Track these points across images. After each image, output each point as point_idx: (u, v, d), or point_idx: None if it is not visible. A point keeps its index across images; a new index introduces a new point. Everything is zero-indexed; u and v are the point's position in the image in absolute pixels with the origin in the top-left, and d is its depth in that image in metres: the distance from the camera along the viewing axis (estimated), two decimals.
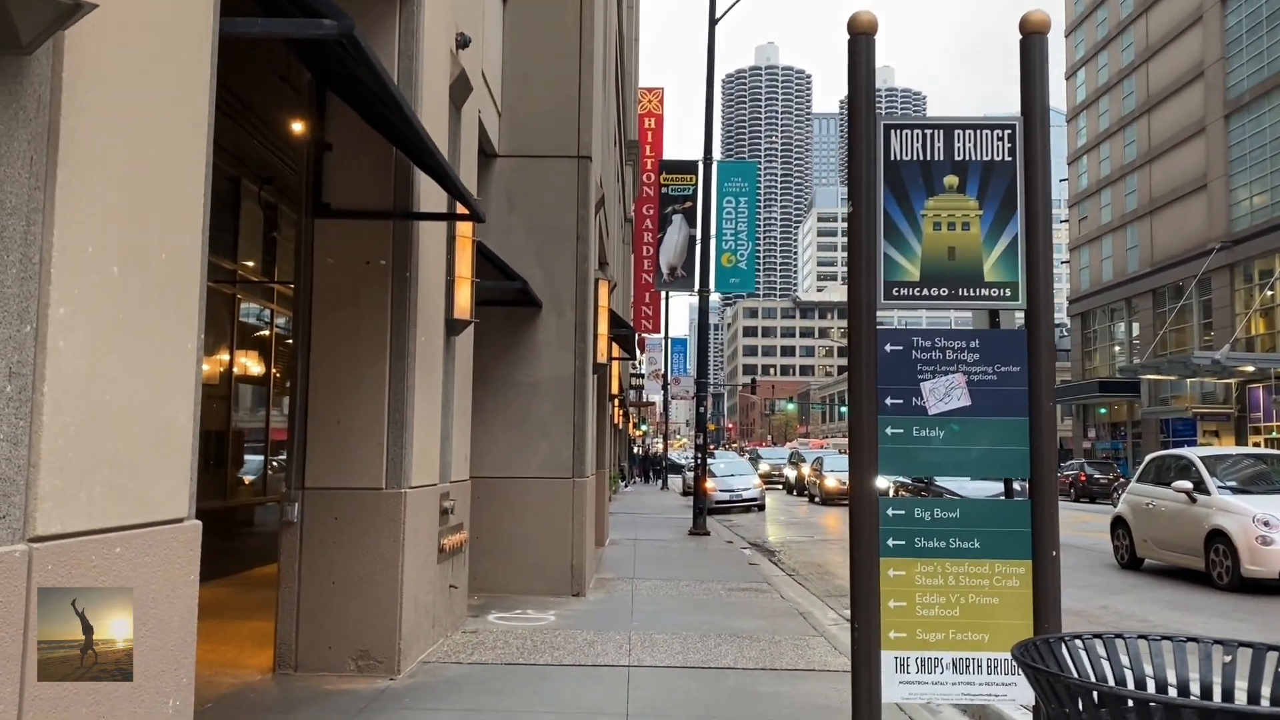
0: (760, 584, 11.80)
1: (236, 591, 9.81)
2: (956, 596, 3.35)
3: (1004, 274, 3.43)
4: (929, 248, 3.41)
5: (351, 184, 6.80)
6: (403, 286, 6.75)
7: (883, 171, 3.41)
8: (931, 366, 3.39)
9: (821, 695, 6.28)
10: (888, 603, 3.36)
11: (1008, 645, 3.33)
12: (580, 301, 10.61)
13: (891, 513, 3.40)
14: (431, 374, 7.39)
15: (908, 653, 3.34)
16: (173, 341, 3.32)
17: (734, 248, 21.08)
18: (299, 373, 6.70)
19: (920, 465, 3.40)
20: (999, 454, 3.38)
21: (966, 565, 3.37)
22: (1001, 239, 3.43)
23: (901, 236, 3.40)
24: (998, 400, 3.39)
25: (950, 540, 3.37)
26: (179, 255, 3.36)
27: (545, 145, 10.65)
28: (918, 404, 3.38)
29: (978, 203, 3.44)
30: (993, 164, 3.44)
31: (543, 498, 10.36)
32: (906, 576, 3.38)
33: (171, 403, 3.31)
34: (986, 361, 3.41)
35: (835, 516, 25.98)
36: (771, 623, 9.03)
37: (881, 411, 3.36)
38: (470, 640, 7.80)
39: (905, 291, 3.41)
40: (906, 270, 3.40)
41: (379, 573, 6.55)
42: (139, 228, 3.10)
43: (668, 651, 7.55)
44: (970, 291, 3.42)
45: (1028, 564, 3.36)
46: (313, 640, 6.53)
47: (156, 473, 3.22)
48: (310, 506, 6.61)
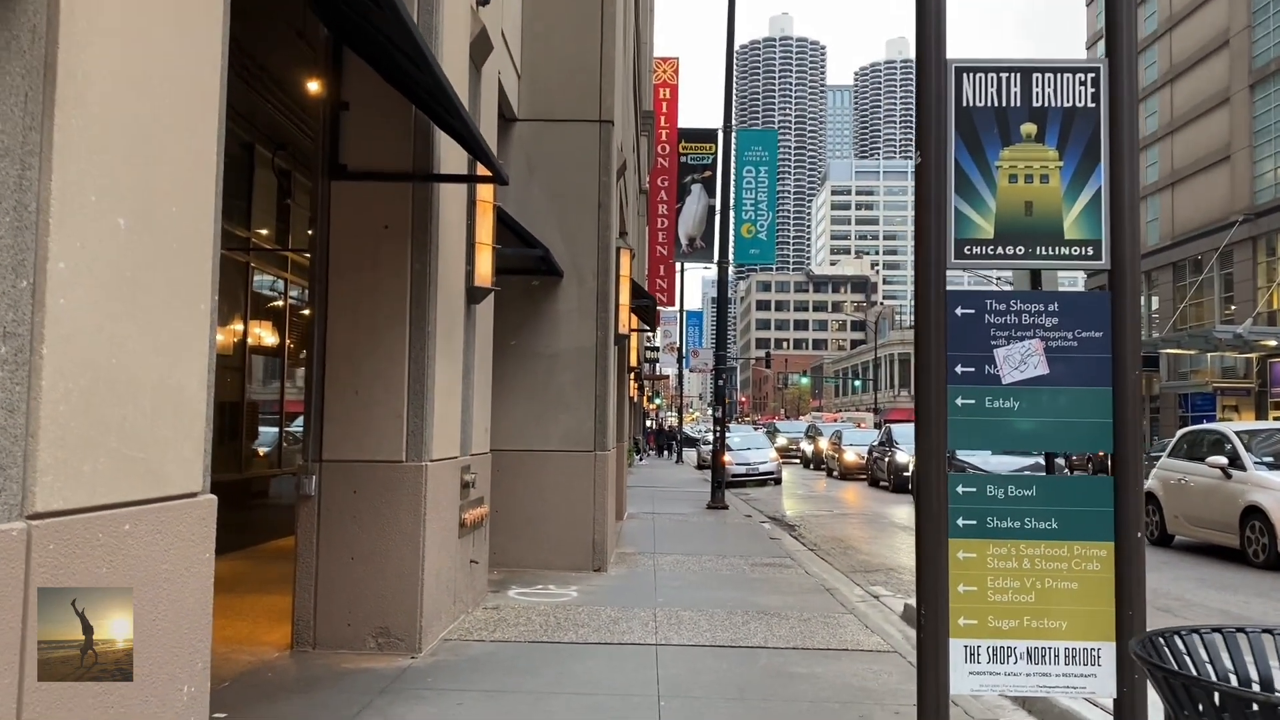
0: (783, 559, 11.59)
1: (253, 565, 9.65)
2: (1032, 581, 3.10)
3: (1086, 231, 3.15)
4: (1004, 202, 3.13)
5: (369, 145, 6.54)
6: (422, 252, 6.50)
7: (953, 118, 3.13)
8: (1006, 332, 3.12)
9: (858, 676, 6.06)
10: (957, 587, 3.11)
11: (1087, 633, 3.09)
12: (602, 270, 10.33)
13: (962, 490, 3.14)
14: (452, 343, 7.15)
15: (978, 641, 3.10)
16: (184, 302, 3.08)
17: (754, 218, 20.71)
18: (315, 341, 6.46)
19: (993, 439, 3.14)
20: (1079, 427, 3.12)
21: (1043, 547, 3.11)
22: (1083, 193, 3.15)
23: (974, 190, 3.12)
24: (1078, 369, 3.13)
25: (1026, 520, 3.11)
26: (191, 208, 3.10)
27: (566, 109, 10.35)
28: (990, 372, 3.11)
29: (1057, 153, 3.16)
30: (1074, 110, 3.15)
31: (563, 471, 10.14)
32: (978, 559, 3.13)
33: (183, 369, 3.07)
34: (1066, 326, 3.13)
35: (854, 491, 25.76)
36: (799, 599, 8.81)
37: (951, 380, 3.09)
38: (492, 617, 7.60)
39: (978, 250, 3.13)
40: (979, 227, 3.12)
41: (399, 548, 6.34)
42: (147, 177, 2.85)
43: (695, 629, 7.34)
44: (1048, 250, 3.15)
45: (1109, 546, 3.11)
46: (331, 617, 6.34)
47: (168, 444, 2.98)
48: (328, 480, 6.39)
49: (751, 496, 23.30)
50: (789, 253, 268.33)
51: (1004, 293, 3.11)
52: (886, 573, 11.46)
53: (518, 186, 10.20)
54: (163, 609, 2.94)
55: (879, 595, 9.73)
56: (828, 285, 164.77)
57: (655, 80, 40.17)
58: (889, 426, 28.44)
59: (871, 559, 12.69)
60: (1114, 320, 3.09)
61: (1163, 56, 51.40)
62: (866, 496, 23.94)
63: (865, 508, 20.91)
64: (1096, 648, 3.09)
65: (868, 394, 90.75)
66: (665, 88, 42.74)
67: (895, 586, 10.41)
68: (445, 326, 6.88)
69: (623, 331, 11.34)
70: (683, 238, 21.65)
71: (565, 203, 10.34)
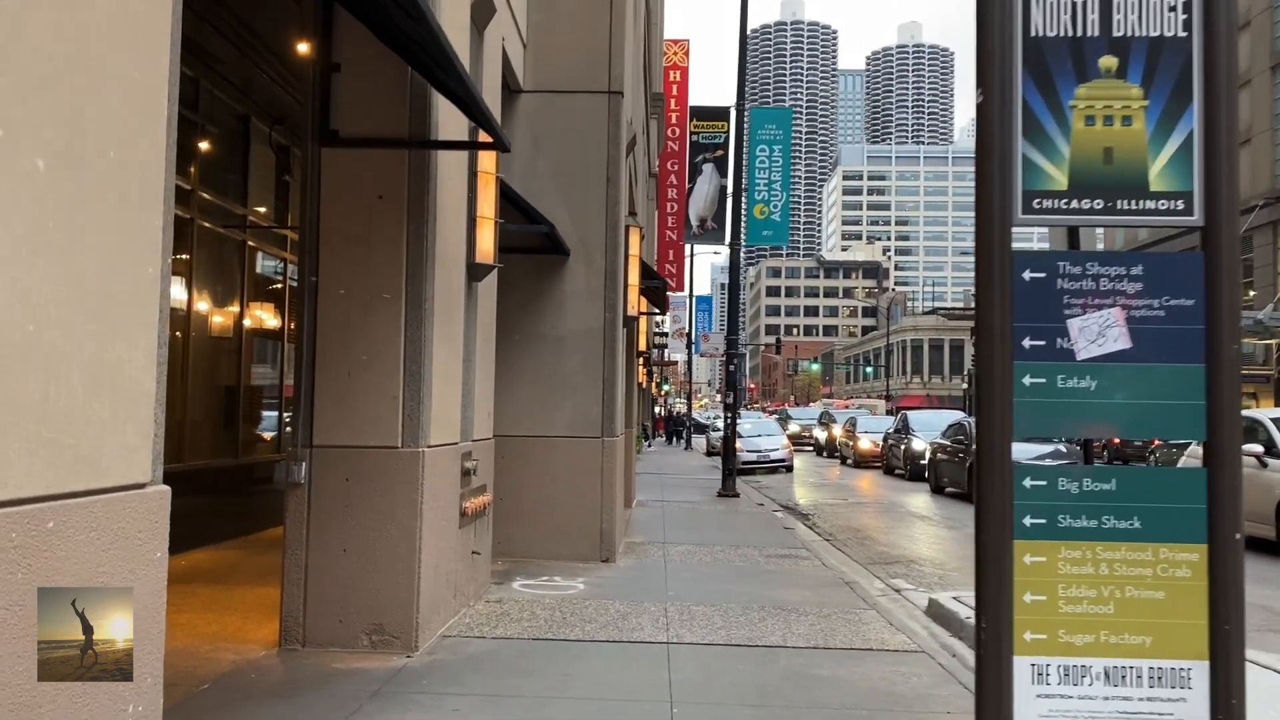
0: (799, 550, 11.17)
1: (246, 554, 9.28)
2: (1110, 589, 2.67)
3: (1175, 181, 2.70)
4: (1079, 148, 2.69)
5: (362, 109, 6.11)
6: (419, 224, 6.07)
7: (1021, 50, 2.69)
8: (1082, 299, 2.67)
9: (885, 680, 5.64)
10: (1023, 596, 2.68)
11: (1175, 650, 2.66)
12: (610, 248, 9.89)
13: (1030, 483, 2.70)
14: (451, 323, 6.73)
15: (1048, 659, 2.67)
16: (127, 264, 2.65)
17: (767, 198, 20.20)
18: (305, 319, 6.05)
19: (1065, 423, 2.72)
20: (1166, 410, 2.68)
21: (1124, 550, 2.68)
22: (1173, 137, 2.70)
23: (1044, 134, 2.67)
24: (1165, 342, 2.69)
25: (1103, 519, 2.68)
26: (135, 154, 2.67)
27: (573, 79, 9.89)
28: (1063, 346, 2.67)
29: (1142, 91, 2.71)
30: (1162, 41, 2.70)
31: (570, 458, 9.72)
32: (1047, 564, 2.70)
33: (125, 341, 2.65)
34: (1152, 293, 2.69)
35: (869, 479, 25.32)
36: (816, 593, 8.39)
37: (1018, 356, 2.65)
38: (494, 611, 7.21)
39: (1049, 204, 2.68)
40: (1051, 177, 2.68)
41: (394, 539, 5.94)
42: (75, 111, 2.42)
43: (708, 626, 6.92)
44: (1131, 203, 2.70)
45: (1202, 549, 2.68)
46: (322, 613, 5.94)
47: (105, 428, 2.57)
48: (319, 466, 5.99)
49: (763, 484, 22.89)
50: (799, 238, 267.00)
51: (1080, 254, 2.68)
52: (907, 565, 11.03)
53: (523, 161, 9.76)
54: None
55: (900, 589, 9.31)
56: (839, 271, 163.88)
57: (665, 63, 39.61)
58: (905, 414, 27.98)
59: (890, 550, 12.26)
60: (1208, 286, 2.65)
61: None
62: (882, 485, 23.50)
63: (881, 496, 20.48)
64: (1186, 667, 2.66)
65: (879, 380, 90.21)
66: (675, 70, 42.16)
67: (917, 579, 9.99)
68: (444, 304, 6.46)
69: (632, 313, 10.91)
70: (694, 219, 21.14)
71: (572, 178, 9.90)
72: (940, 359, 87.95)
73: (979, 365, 2.66)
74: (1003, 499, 2.66)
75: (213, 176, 10.10)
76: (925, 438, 23.42)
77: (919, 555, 11.82)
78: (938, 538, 13.65)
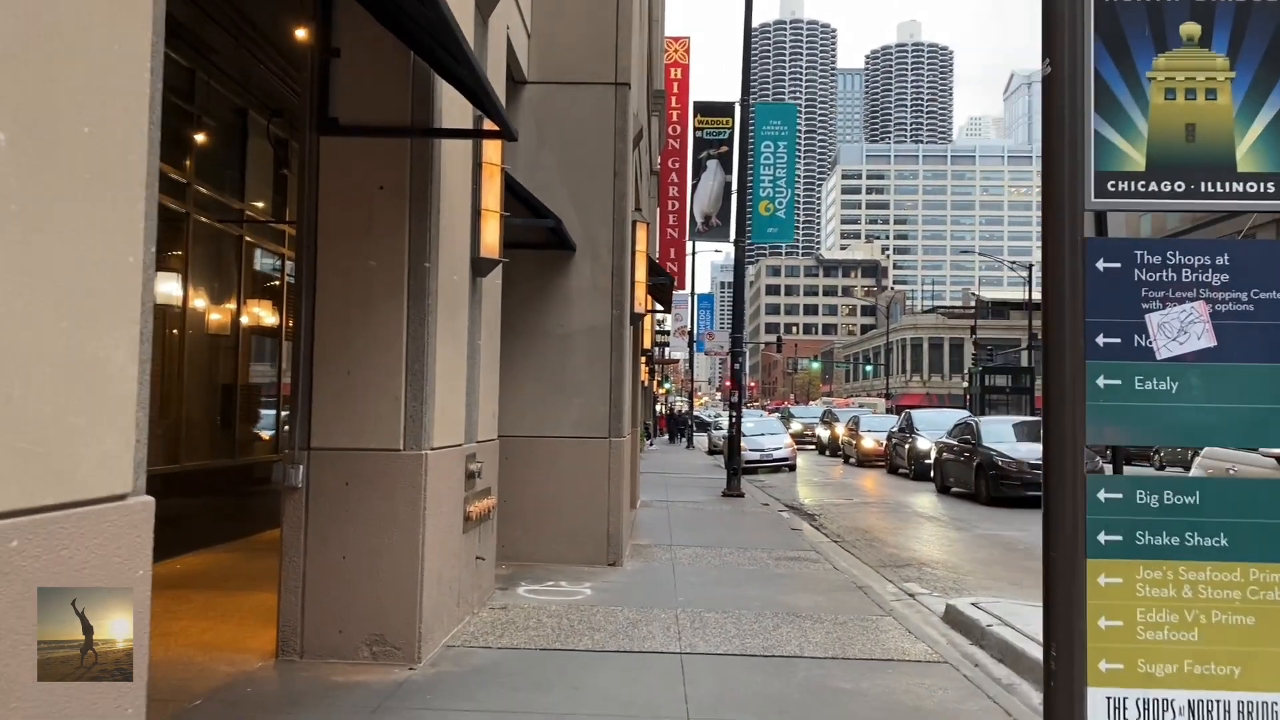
0: (808, 552, 10.92)
1: (244, 558, 9.01)
2: (1195, 614, 2.42)
3: (1266, 161, 2.44)
4: (1158, 125, 2.44)
5: (362, 96, 5.85)
6: (422, 217, 5.81)
7: (1093, 15, 2.43)
8: (1161, 291, 2.42)
9: (910, 694, 5.38)
10: (1097, 621, 2.43)
11: (1269, 682, 2.40)
12: (617, 244, 9.63)
13: (1104, 496, 2.44)
14: (455, 319, 6.48)
15: (1125, 691, 2.41)
16: (102, 251, 2.40)
17: (772, 195, 19.93)
18: (303, 315, 5.79)
19: (1144, 429, 2.46)
20: (1257, 415, 2.42)
21: (1209, 570, 2.43)
22: (1263, 112, 2.44)
23: (1120, 109, 2.42)
24: (1255, 340, 2.44)
25: (1187, 535, 2.43)
26: (113, 131, 2.42)
27: (579, 70, 9.63)
28: (1142, 344, 2.42)
29: (1228, 61, 2.46)
30: (1250, 5, 2.46)
31: (576, 459, 9.47)
32: (1124, 585, 2.44)
33: (103, 338, 2.39)
34: (1240, 285, 2.43)
35: (873, 478, 25.08)
36: (830, 599, 8.15)
37: (1090, 355, 2.40)
38: (499, 619, 6.95)
39: (1124, 186, 2.43)
40: (1126, 156, 2.42)
41: (396, 545, 5.68)
42: (41, 81, 2.16)
43: (722, 635, 6.67)
44: (1216, 186, 2.44)
45: None
46: (320, 623, 5.68)
47: (80, 434, 2.31)
48: (317, 469, 5.73)
49: (767, 484, 22.64)
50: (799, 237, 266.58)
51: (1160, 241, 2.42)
52: (919, 568, 10.78)
53: (527, 154, 9.50)
54: None
55: (915, 594, 9.06)
56: (838, 270, 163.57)
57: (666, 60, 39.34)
58: (909, 413, 27.73)
59: (900, 552, 12.01)
60: None
61: None
62: (886, 484, 23.26)
63: (886, 496, 20.23)
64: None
65: (879, 379, 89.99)
66: (677, 67, 41.93)
67: (930, 583, 9.74)
68: (448, 301, 6.21)
69: (639, 310, 10.65)
70: (698, 215, 20.86)
71: (578, 172, 9.64)
72: (940, 358, 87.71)
73: (1046, 365, 2.41)
74: (1074, 513, 2.40)
75: (209, 170, 9.84)
76: (930, 437, 23.17)
77: (930, 558, 11.58)
78: (948, 539, 13.41)
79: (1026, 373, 55.50)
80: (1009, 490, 17.19)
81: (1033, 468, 17.09)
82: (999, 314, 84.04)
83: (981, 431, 18.81)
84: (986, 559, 11.41)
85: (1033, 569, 10.72)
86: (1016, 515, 15.87)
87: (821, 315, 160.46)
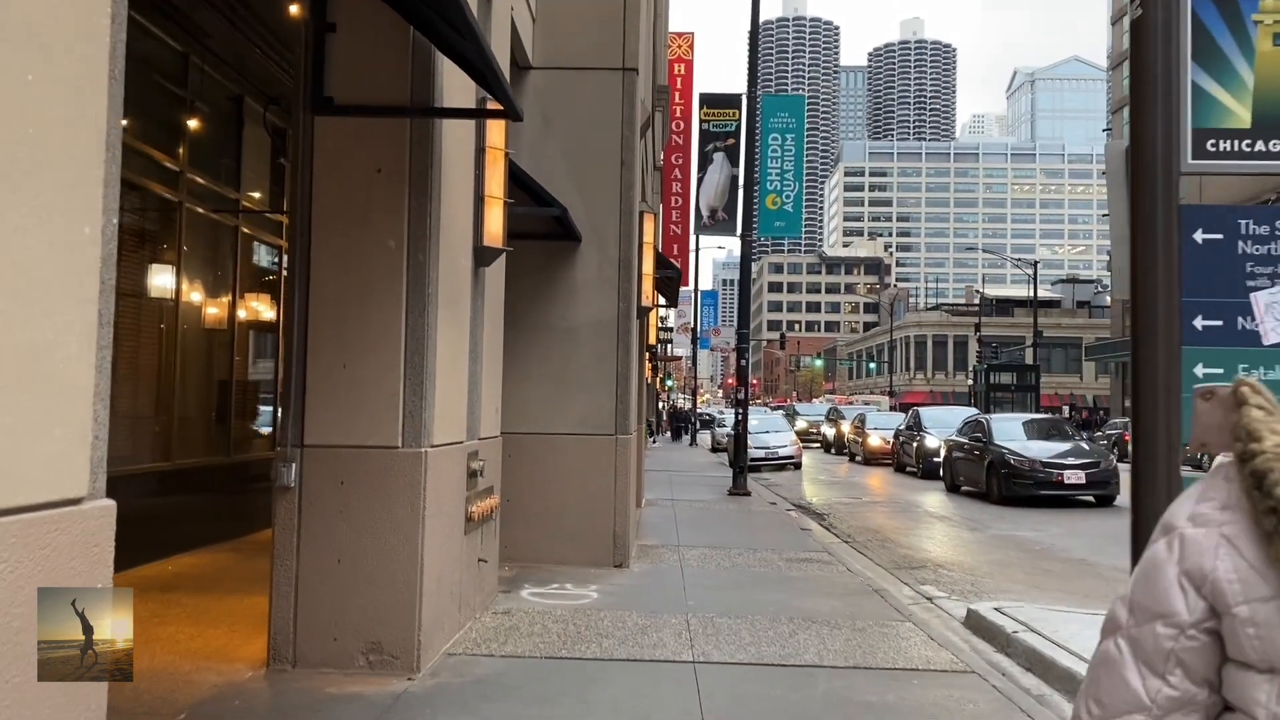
0: (819, 553, 10.62)
1: (239, 558, 8.72)
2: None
3: None
4: (1266, 75, 2.13)
5: (359, 74, 5.54)
6: (422, 201, 5.51)
7: None
8: (1270, 266, 2.11)
9: (939, 707, 5.08)
10: None
11: None
12: (624, 235, 9.32)
13: None
14: (457, 311, 6.17)
15: None
16: (50, 220, 2.08)
17: (780, 188, 19.58)
18: (296, 306, 5.49)
19: None
20: None
21: None
22: None
23: (1221, 57, 2.11)
24: None
25: None
26: (64, 81, 2.11)
27: (586, 55, 9.31)
28: (1246, 327, 2.11)
29: None
30: None
31: (581, 457, 9.16)
32: None
33: (48, 320, 2.08)
34: None
35: (880, 477, 24.75)
36: (846, 603, 7.84)
37: (1187, 339, 2.08)
38: (502, 624, 6.65)
39: (1226, 145, 2.12)
40: (1229, 112, 2.11)
41: (394, 549, 5.38)
42: None
43: (736, 641, 6.36)
44: None
45: None
46: (314, 630, 5.38)
47: (22, 430, 2.00)
48: (310, 468, 5.43)
49: (772, 482, 22.33)
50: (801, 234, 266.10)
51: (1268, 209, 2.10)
52: (934, 569, 10.47)
53: (532, 142, 9.19)
54: (18, 669, 1.97)
55: (932, 597, 8.75)
56: (840, 267, 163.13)
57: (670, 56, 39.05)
58: (916, 410, 27.37)
59: (913, 553, 11.70)
60: None
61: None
62: (894, 483, 22.93)
63: (894, 495, 19.91)
64: None
65: (882, 376, 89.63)
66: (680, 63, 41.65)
67: (947, 586, 9.43)
68: (449, 291, 5.90)
69: (646, 303, 10.35)
70: (704, 209, 20.51)
71: (584, 161, 9.33)
72: (944, 355, 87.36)
73: (1135, 352, 2.09)
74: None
75: (203, 158, 9.53)
76: (938, 435, 22.84)
77: (945, 559, 11.26)
78: (961, 540, 13.09)
79: (1032, 370, 55.20)
80: (1021, 489, 16.86)
81: (1045, 466, 16.77)
82: (1003, 311, 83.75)
83: (993, 429, 18.48)
84: (1003, 560, 11.09)
85: (1052, 571, 10.43)
86: (1030, 515, 15.55)
87: (824, 313, 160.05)
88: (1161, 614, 1.22)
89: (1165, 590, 1.23)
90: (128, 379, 8.52)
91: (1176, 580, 1.22)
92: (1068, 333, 77.89)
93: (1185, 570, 1.22)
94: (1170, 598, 1.22)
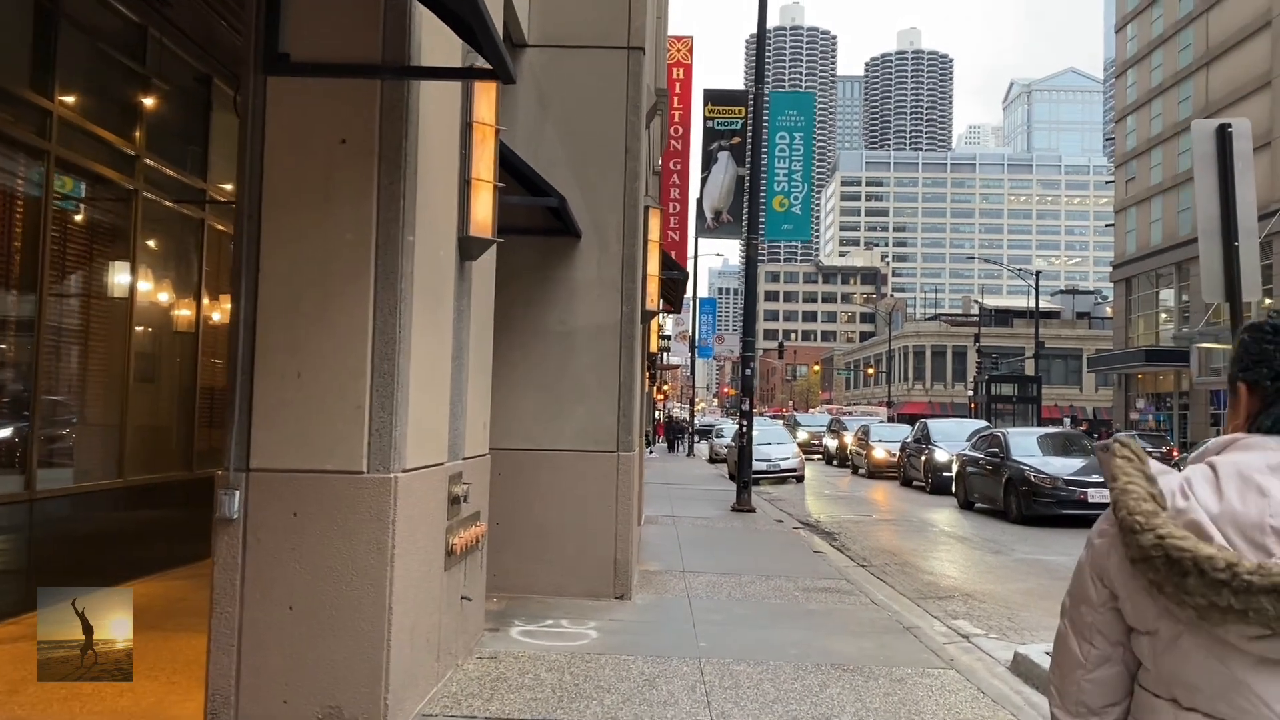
0: (837, 580, 9.73)
1: (194, 585, 7.77)
2: None
3: None
4: None
5: (321, 27, 4.67)
6: (393, 179, 4.63)
7: None
8: None
9: None
10: None
11: None
12: (629, 231, 8.44)
13: None
14: (437, 309, 5.28)
15: None
16: None
17: (787, 190, 18.72)
18: (242, 301, 4.59)
19: None
20: None
21: None
22: None
23: None
24: None
25: None
26: None
27: (586, 32, 8.44)
28: None
29: None
30: None
31: (579, 476, 8.26)
32: None
33: None
34: None
35: (886, 491, 23.85)
36: (877, 644, 6.96)
37: None
38: (488, 673, 5.74)
39: None
40: None
41: (357, 594, 4.49)
42: None
43: (760, 699, 5.46)
44: None
45: None
46: (260, 691, 4.48)
47: None
48: (258, 496, 4.53)
49: (775, 496, 21.45)
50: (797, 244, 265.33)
51: None
52: (964, 600, 9.59)
53: (527, 127, 8.32)
54: None
55: (968, 634, 7.87)
56: (837, 276, 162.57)
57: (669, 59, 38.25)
58: (925, 423, 26.50)
59: (937, 580, 10.82)
60: None
61: (1199, 39, 49.38)
62: (902, 498, 22.04)
63: (904, 511, 19.03)
64: None
65: (880, 387, 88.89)
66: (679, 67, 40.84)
67: (982, 621, 8.54)
68: (427, 286, 5.01)
69: (651, 307, 9.47)
70: (707, 211, 19.67)
71: (585, 149, 8.45)
72: (943, 366, 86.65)
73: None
74: None
75: (163, 143, 8.63)
76: (948, 448, 21.98)
77: (973, 588, 10.38)
78: (986, 565, 12.20)
79: (1033, 381, 54.47)
80: (1042, 508, 15.97)
81: (1069, 484, 15.89)
82: (1002, 321, 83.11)
83: (1010, 444, 17.59)
84: (1037, 590, 10.21)
85: None
86: (1054, 536, 14.67)
87: (821, 322, 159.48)
88: (1084, 599, 1.64)
89: (1084, 582, 1.64)
90: (74, 386, 7.63)
91: (1089, 575, 1.63)
92: (1068, 344, 77.28)
93: (1093, 567, 1.63)
94: (1087, 587, 1.63)
